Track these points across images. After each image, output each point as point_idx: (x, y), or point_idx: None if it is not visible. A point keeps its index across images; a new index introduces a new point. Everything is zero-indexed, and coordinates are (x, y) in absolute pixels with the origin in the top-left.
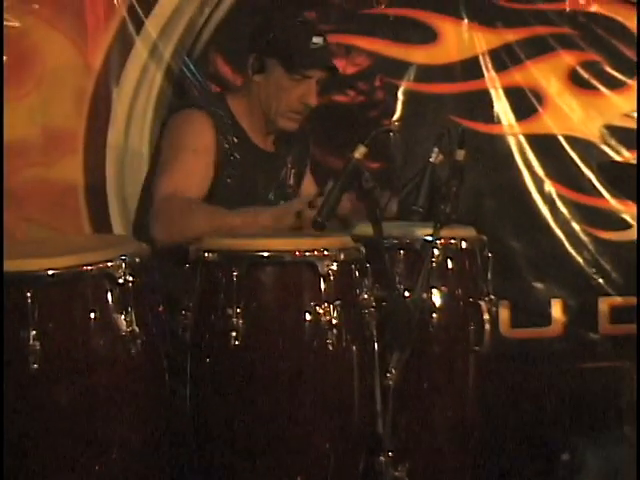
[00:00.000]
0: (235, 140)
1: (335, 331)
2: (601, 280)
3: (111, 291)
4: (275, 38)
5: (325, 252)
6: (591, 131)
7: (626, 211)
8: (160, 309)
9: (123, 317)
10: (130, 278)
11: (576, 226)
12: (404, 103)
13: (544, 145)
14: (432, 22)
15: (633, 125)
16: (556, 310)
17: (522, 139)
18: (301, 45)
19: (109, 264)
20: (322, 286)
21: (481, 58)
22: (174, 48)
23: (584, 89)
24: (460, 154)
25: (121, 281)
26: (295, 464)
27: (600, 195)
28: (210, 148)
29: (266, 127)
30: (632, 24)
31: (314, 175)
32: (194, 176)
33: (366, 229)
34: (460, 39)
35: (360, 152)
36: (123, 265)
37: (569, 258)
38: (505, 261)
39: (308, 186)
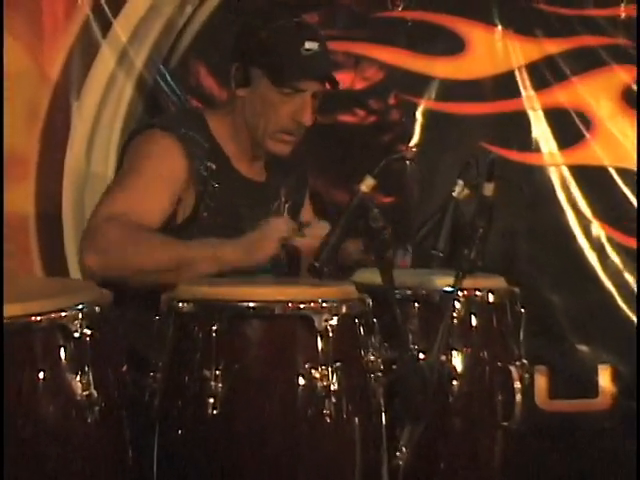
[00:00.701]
0: (214, 167)
1: (334, 399)
2: None
3: (64, 347)
4: (260, 43)
5: (323, 304)
6: None
7: None
8: (123, 369)
9: (78, 378)
10: (88, 331)
11: (629, 277)
12: (423, 125)
13: (592, 178)
14: (459, 29)
15: None
16: (604, 378)
17: (565, 171)
18: (291, 52)
19: (63, 314)
20: (319, 345)
21: (517, 73)
22: (148, 55)
23: None
24: (489, 188)
25: (77, 335)
26: None
27: None
28: (177, 177)
29: (253, 151)
30: None
31: (314, 211)
32: (151, 203)
33: (373, 276)
34: (492, 50)
35: (368, 184)
36: (80, 315)
37: (620, 316)
38: (542, 318)
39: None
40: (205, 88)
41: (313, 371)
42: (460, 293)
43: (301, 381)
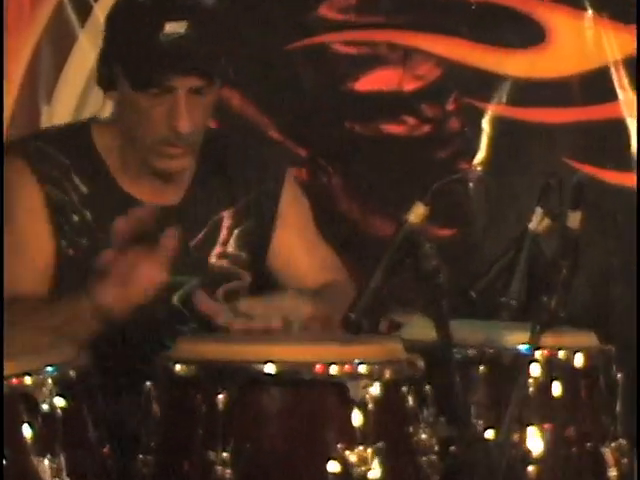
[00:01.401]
0: (84, 190)
1: None
2: None
3: (29, 423)
4: (114, 30)
5: (361, 367)
6: None
7: None
8: (105, 450)
9: (47, 462)
10: (59, 402)
11: None
12: (491, 137)
13: None
14: (538, 14)
15: None
16: None
17: None
18: (147, 38)
19: (27, 380)
20: (356, 419)
21: (613, 70)
22: None
23: None
24: (575, 218)
25: (45, 407)
26: None
27: None
28: (36, 209)
29: (142, 170)
30: None
31: (346, 250)
32: (23, 268)
33: (426, 331)
34: (580, 41)
35: (418, 213)
36: (49, 381)
37: None
38: None
39: (297, 256)
40: None
41: (348, 453)
42: (538, 353)
43: (333, 466)
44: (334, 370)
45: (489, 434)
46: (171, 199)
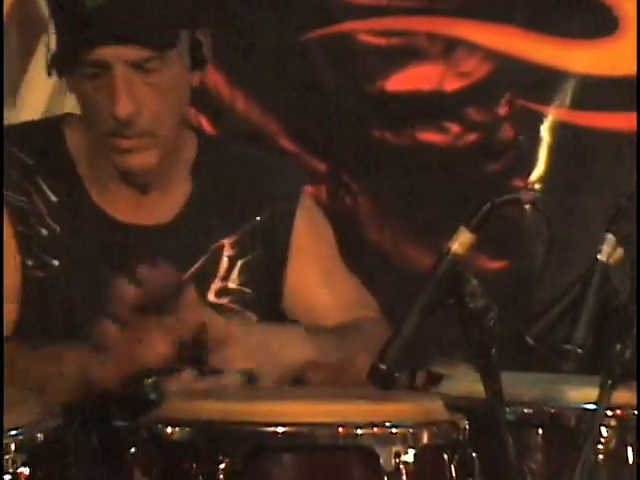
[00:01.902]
0: (54, 199)
1: None
2: None
3: None
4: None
5: (393, 429)
6: None
7: None
8: None
9: None
10: (25, 471)
11: None
12: (552, 147)
13: None
14: None
15: None
16: None
17: None
18: (72, 4)
19: None
20: None
21: None
22: None
23: None
24: None
25: (8, 478)
26: None
27: None
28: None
29: (110, 176)
30: None
31: (374, 286)
32: None
33: (472, 385)
34: None
35: (463, 241)
36: (12, 447)
37: None
38: None
39: (316, 294)
40: (209, 88)
41: None
42: (609, 413)
43: None
44: (360, 433)
45: None
46: (156, 218)
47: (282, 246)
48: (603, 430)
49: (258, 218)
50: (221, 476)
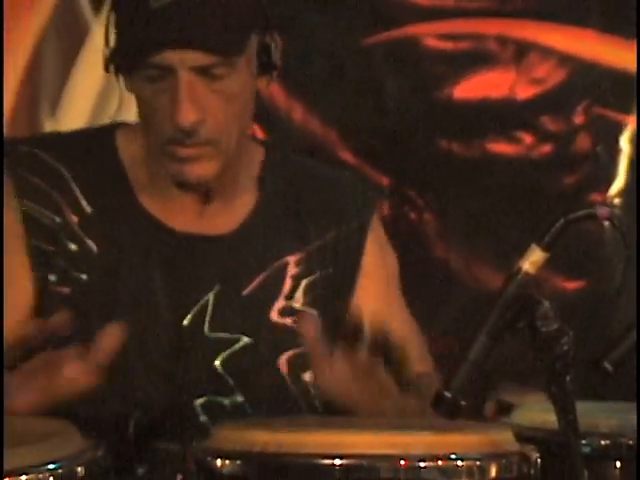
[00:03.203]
0: (89, 211)
1: None
2: None
3: None
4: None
5: (459, 461)
6: None
7: None
8: None
9: None
10: None
11: None
12: (632, 160)
13: None
14: None
15: None
16: None
17: None
18: (135, 8)
19: None
20: None
21: None
22: None
23: None
24: None
25: None
26: None
27: None
28: (9, 230)
29: (168, 184)
30: None
31: (440, 307)
32: (14, 296)
33: (544, 415)
34: None
35: (535, 260)
36: None
37: None
38: None
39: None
40: (263, 96)
41: None
42: None
43: None
44: (424, 466)
45: None
46: (216, 229)
47: (351, 267)
48: None
49: (327, 236)
50: None
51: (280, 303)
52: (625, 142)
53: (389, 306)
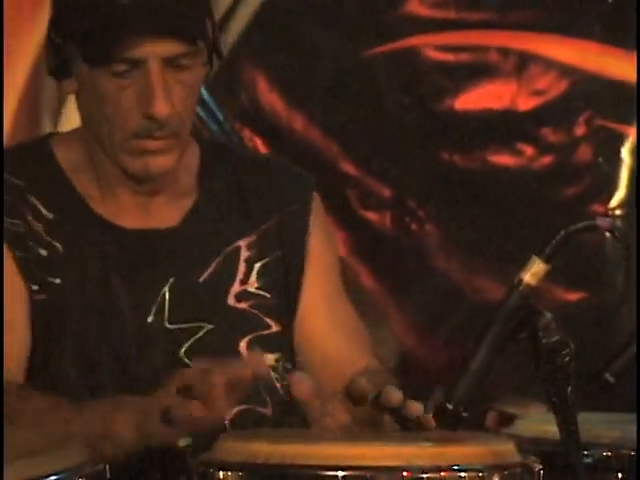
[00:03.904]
0: (50, 217)
1: None
2: None
3: None
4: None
5: (461, 473)
6: None
7: None
8: None
9: None
10: None
11: None
12: (634, 171)
13: None
14: None
15: None
16: None
17: None
18: (103, 4)
19: None
20: None
21: None
22: None
23: None
24: None
25: None
26: None
27: None
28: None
29: (118, 182)
30: None
31: (441, 318)
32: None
33: (546, 427)
34: None
35: (536, 272)
36: None
37: None
38: None
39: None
40: (264, 108)
41: None
42: None
43: None
44: (426, 478)
45: None
46: (164, 221)
47: (299, 248)
48: None
49: (271, 220)
50: None
51: (236, 288)
52: (626, 153)
53: (333, 295)
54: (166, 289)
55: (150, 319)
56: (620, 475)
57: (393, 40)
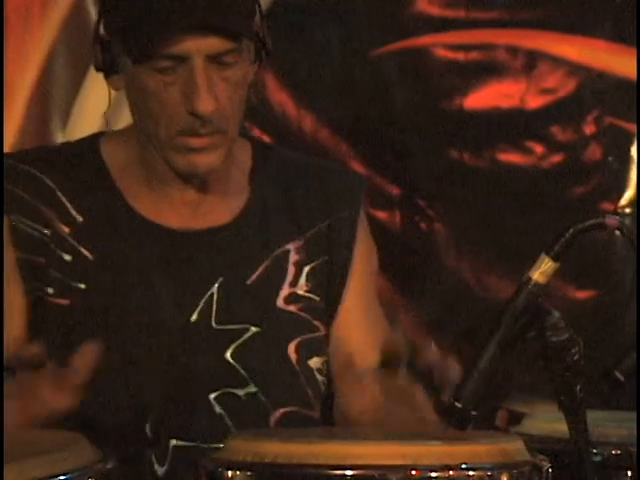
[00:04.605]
0: (80, 220)
1: None
2: None
3: None
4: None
5: (470, 472)
6: None
7: None
8: None
9: None
10: None
11: None
12: None
13: None
14: None
15: None
16: None
17: None
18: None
19: None
20: None
21: None
22: None
23: None
24: None
25: None
26: None
27: None
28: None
29: (165, 182)
30: None
31: (451, 317)
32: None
33: (555, 425)
34: None
35: (544, 270)
36: None
37: None
38: None
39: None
40: (274, 107)
41: None
42: None
43: None
44: (435, 477)
45: None
46: (213, 222)
47: (345, 255)
48: None
49: (321, 225)
50: None
51: (285, 291)
52: (635, 151)
53: (371, 305)
54: (214, 289)
55: (194, 318)
56: (630, 473)
57: (403, 39)
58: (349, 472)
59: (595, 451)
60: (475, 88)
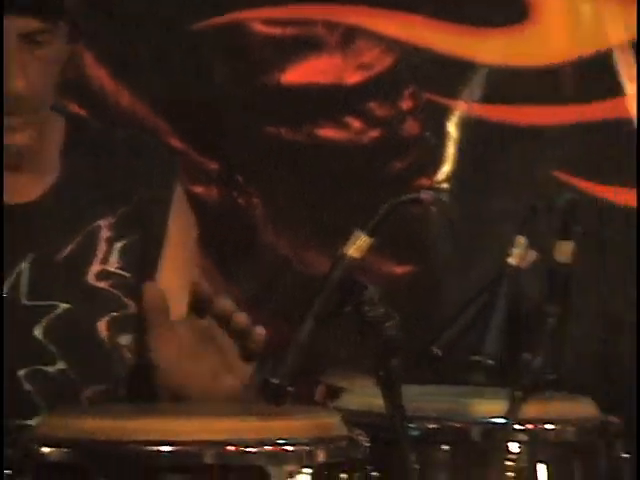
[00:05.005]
0: None
1: None
2: None
3: None
4: None
5: (287, 447)
6: None
7: None
8: None
9: None
10: None
11: None
12: (459, 145)
13: None
14: None
15: None
16: None
17: None
18: None
19: None
20: None
21: (616, 57)
22: None
23: None
24: (565, 250)
25: None
26: None
27: None
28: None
29: None
30: None
31: (268, 292)
32: None
33: (372, 400)
34: (574, 17)
35: (359, 245)
36: None
37: None
38: None
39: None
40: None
41: None
42: (519, 427)
43: None
44: (250, 452)
45: None
46: (24, 197)
47: (158, 232)
48: (513, 446)
49: (133, 201)
50: None
51: (96, 267)
52: (452, 127)
53: (188, 278)
54: (24, 265)
55: (5, 294)
56: (446, 447)
57: (220, 14)
58: (165, 448)
59: (412, 425)
60: (293, 63)
